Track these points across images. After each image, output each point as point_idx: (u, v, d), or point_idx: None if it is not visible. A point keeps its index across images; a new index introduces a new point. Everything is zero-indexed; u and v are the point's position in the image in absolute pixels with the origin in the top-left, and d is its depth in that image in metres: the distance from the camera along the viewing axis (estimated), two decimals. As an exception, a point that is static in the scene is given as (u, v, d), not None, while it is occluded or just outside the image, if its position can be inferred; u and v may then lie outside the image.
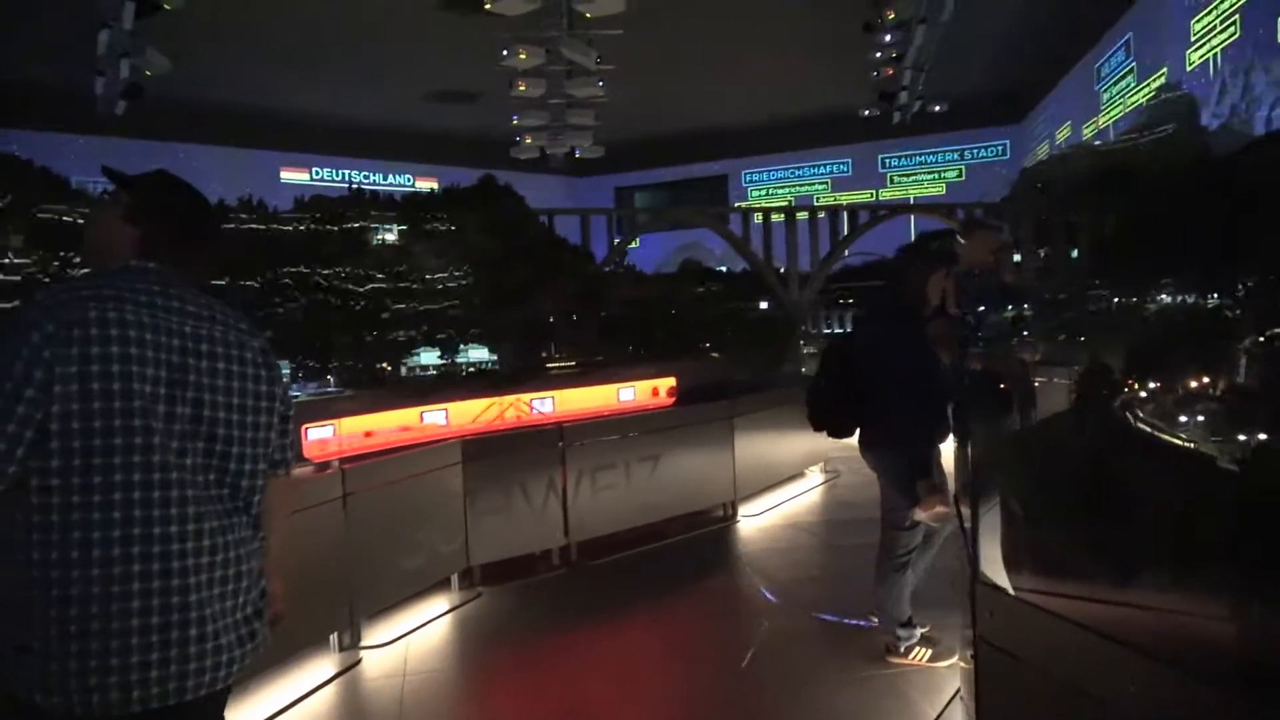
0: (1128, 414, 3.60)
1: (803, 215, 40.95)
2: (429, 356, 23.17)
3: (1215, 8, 30.01)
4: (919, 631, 4.03)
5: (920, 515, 3.69)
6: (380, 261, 25.64)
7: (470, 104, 38.13)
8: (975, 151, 52.13)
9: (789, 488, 8.53)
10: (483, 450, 5.66)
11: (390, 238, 26.55)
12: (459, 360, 22.66)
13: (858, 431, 3.95)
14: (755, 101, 48.96)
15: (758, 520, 7.42)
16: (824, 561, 6.26)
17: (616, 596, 5.54)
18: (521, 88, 23.04)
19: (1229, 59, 29.62)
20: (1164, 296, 22.04)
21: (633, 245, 39.96)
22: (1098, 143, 38.23)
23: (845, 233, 39.70)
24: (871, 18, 22.69)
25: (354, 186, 33.34)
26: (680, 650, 4.72)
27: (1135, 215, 26.27)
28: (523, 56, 22.40)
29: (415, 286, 24.96)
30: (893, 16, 21.29)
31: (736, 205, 48.81)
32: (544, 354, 21.58)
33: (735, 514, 7.46)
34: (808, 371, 14.90)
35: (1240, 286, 18.92)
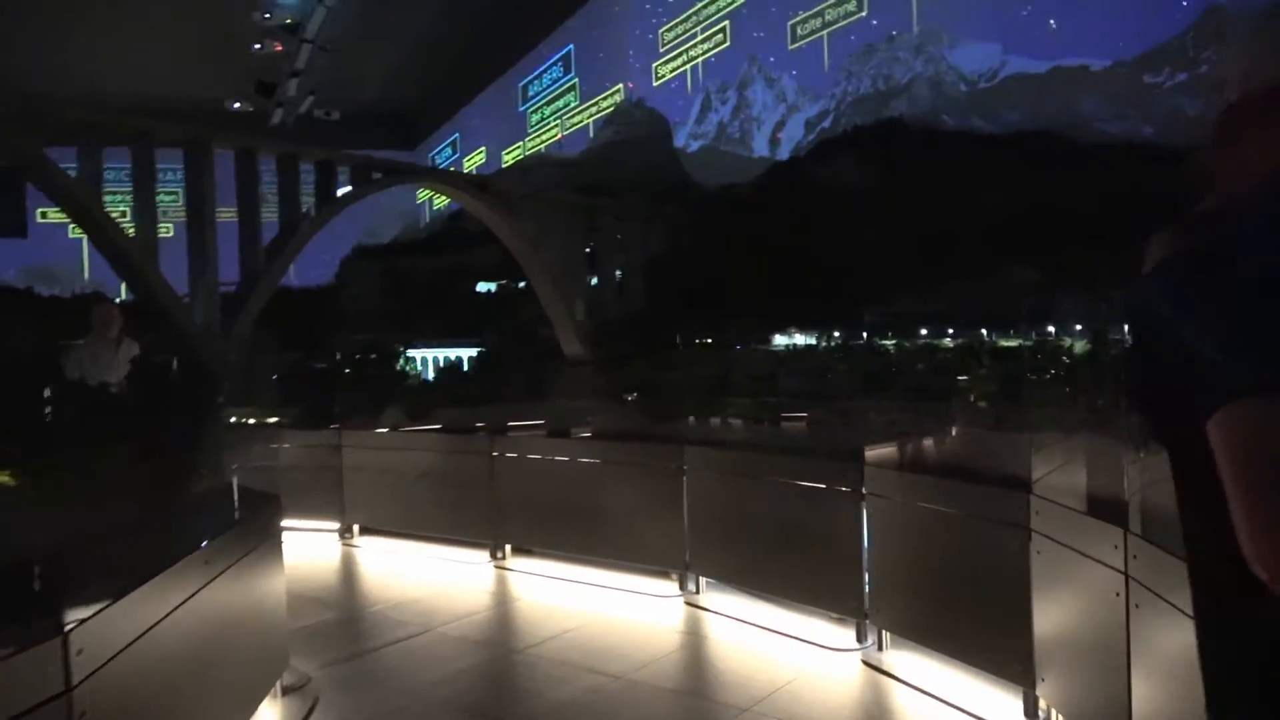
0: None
1: (224, 215, 30.25)
2: None
3: (697, 12, 30.83)
4: None
5: None
6: None
7: None
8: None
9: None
10: None
11: None
12: None
13: None
14: (71, 75, 38.15)
15: None
16: None
17: None
18: None
19: (713, 72, 29.51)
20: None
21: None
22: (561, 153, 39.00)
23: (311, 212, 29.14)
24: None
25: None
26: None
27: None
28: None
29: None
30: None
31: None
32: None
33: None
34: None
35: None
